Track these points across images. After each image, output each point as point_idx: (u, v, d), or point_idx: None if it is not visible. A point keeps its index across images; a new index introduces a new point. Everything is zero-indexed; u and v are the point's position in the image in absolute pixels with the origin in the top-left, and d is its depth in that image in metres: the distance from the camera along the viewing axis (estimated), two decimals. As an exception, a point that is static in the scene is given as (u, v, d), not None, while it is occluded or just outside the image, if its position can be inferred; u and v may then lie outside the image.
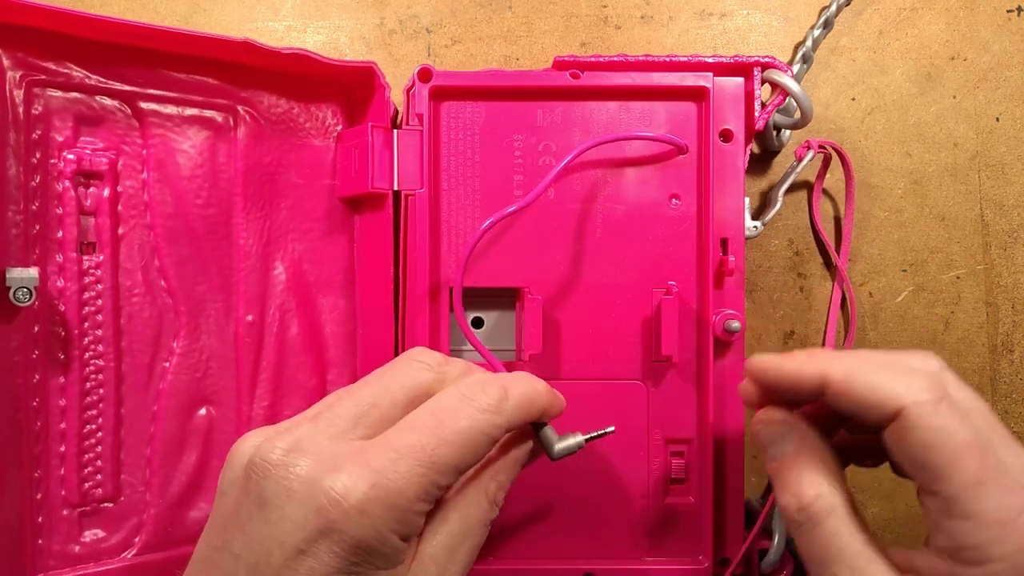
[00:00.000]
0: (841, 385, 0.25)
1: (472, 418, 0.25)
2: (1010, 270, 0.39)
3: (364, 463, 0.23)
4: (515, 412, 0.26)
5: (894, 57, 0.39)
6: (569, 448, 0.29)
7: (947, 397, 0.24)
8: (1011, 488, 0.23)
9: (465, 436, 0.24)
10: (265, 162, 0.35)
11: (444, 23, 0.39)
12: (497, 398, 0.26)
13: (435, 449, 0.24)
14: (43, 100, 0.31)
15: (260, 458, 0.24)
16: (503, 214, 0.32)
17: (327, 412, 0.25)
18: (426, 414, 0.25)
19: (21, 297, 0.29)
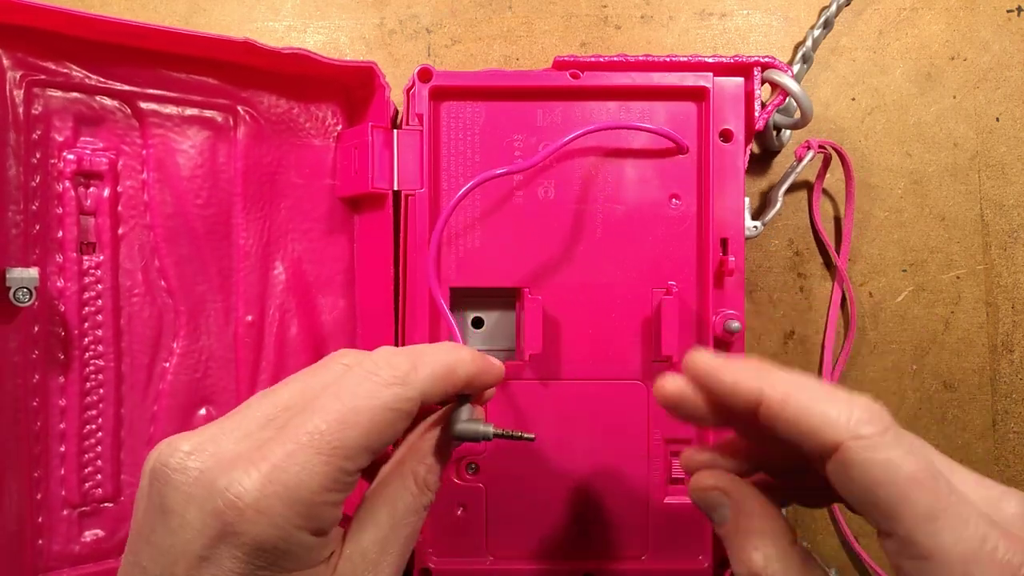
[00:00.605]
0: (778, 407, 0.23)
1: (375, 394, 0.23)
2: (1010, 270, 0.39)
3: (260, 458, 0.21)
4: (427, 383, 0.24)
5: (894, 57, 0.39)
6: (469, 432, 0.26)
7: (892, 427, 0.22)
8: (968, 518, 0.21)
9: (369, 415, 0.22)
10: (265, 162, 0.35)
11: (444, 23, 0.39)
12: (404, 370, 0.24)
13: (337, 433, 0.22)
14: (43, 100, 0.31)
15: (161, 463, 0.22)
16: (492, 174, 0.32)
17: (237, 414, 0.24)
18: (328, 397, 0.23)
19: (21, 297, 0.29)
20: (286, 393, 0.24)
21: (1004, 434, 0.39)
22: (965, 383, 0.39)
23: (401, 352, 0.25)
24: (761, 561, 0.24)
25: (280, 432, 0.22)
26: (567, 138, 0.33)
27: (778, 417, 0.24)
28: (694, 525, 0.35)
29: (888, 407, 0.40)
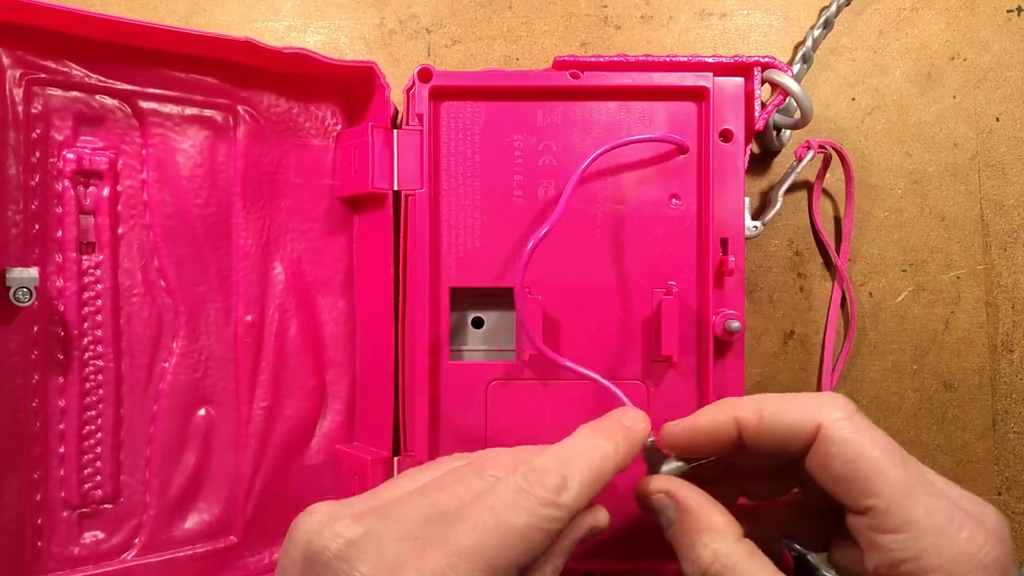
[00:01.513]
0: (756, 423, 0.26)
1: (531, 514, 0.23)
2: (1010, 270, 0.39)
3: (425, 568, 0.22)
4: (577, 500, 0.25)
5: (894, 57, 0.39)
6: None
7: (859, 414, 0.25)
8: (937, 495, 0.23)
9: (524, 534, 0.23)
10: (265, 162, 0.35)
11: (444, 23, 0.39)
12: (555, 485, 0.24)
13: (495, 550, 0.23)
14: (43, 99, 0.31)
15: (322, 545, 0.23)
16: (540, 235, 0.31)
17: (397, 505, 0.25)
18: (483, 509, 0.24)
19: (21, 297, 0.29)
20: (442, 497, 0.25)
21: (1004, 434, 0.39)
22: (965, 383, 0.39)
23: (550, 460, 0.25)
24: (709, 557, 0.25)
25: (441, 540, 0.23)
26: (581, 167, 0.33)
27: (758, 431, 0.26)
28: (694, 525, 0.35)
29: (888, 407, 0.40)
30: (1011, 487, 0.39)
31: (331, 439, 0.37)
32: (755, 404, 0.27)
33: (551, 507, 0.24)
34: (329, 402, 0.37)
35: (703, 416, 0.28)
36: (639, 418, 0.29)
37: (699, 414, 0.28)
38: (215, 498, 0.35)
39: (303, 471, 0.36)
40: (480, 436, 0.35)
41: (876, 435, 0.24)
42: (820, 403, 0.25)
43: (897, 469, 0.24)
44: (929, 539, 0.23)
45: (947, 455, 0.39)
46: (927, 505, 0.23)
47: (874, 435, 0.24)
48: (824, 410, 0.25)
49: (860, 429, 0.24)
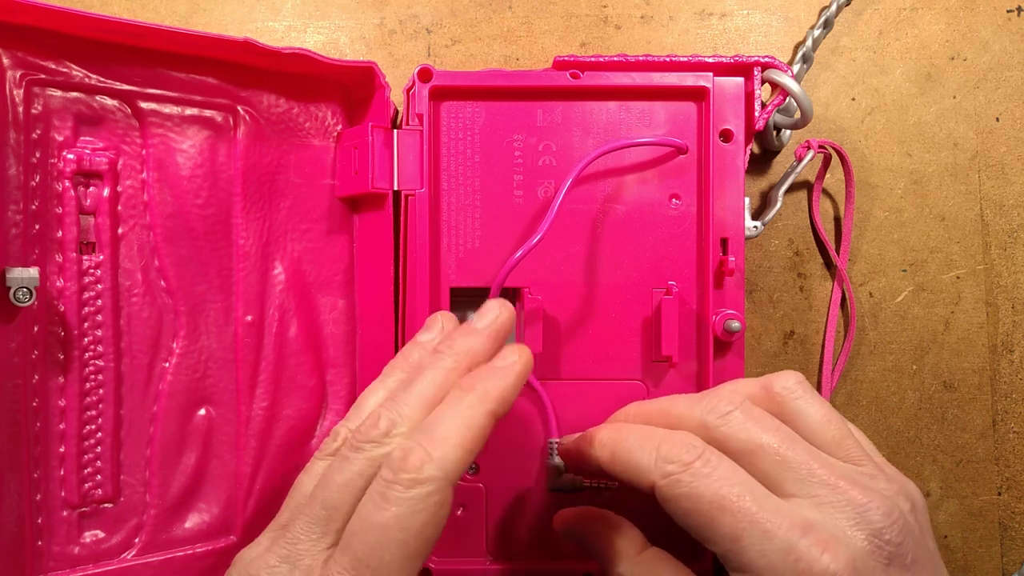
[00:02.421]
0: (608, 465, 0.28)
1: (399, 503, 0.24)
2: (1010, 270, 0.39)
3: None
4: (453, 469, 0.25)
5: (894, 57, 0.39)
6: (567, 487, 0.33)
7: (700, 458, 0.26)
8: (773, 533, 0.24)
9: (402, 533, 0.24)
10: (265, 162, 0.35)
11: (444, 23, 0.39)
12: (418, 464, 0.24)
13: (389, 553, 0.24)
14: (43, 99, 0.31)
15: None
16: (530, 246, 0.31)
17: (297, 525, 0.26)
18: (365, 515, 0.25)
19: (21, 297, 0.29)
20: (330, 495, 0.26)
21: (1004, 434, 0.39)
22: (965, 383, 0.39)
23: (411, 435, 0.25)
24: (626, 572, 0.28)
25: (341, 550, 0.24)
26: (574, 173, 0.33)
27: (613, 473, 0.28)
28: (694, 525, 0.35)
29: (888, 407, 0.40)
30: (1011, 487, 0.39)
31: (331, 439, 0.37)
32: (611, 447, 0.28)
33: (417, 486, 0.24)
34: (329, 402, 0.37)
35: (582, 439, 0.30)
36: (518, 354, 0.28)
37: (582, 436, 0.31)
38: (215, 498, 0.35)
39: (303, 471, 0.36)
40: (480, 436, 0.35)
41: (709, 483, 0.25)
42: (657, 454, 0.26)
43: (727, 516, 0.24)
44: None
45: (947, 455, 0.39)
46: (759, 547, 0.24)
47: (707, 484, 0.25)
48: (658, 464, 0.26)
49: (692, 479, 0.25)
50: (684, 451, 0.26)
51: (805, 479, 0.25)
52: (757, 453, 0.26)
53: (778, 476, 0.26)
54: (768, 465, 0.26)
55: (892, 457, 0.39)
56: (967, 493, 0.39)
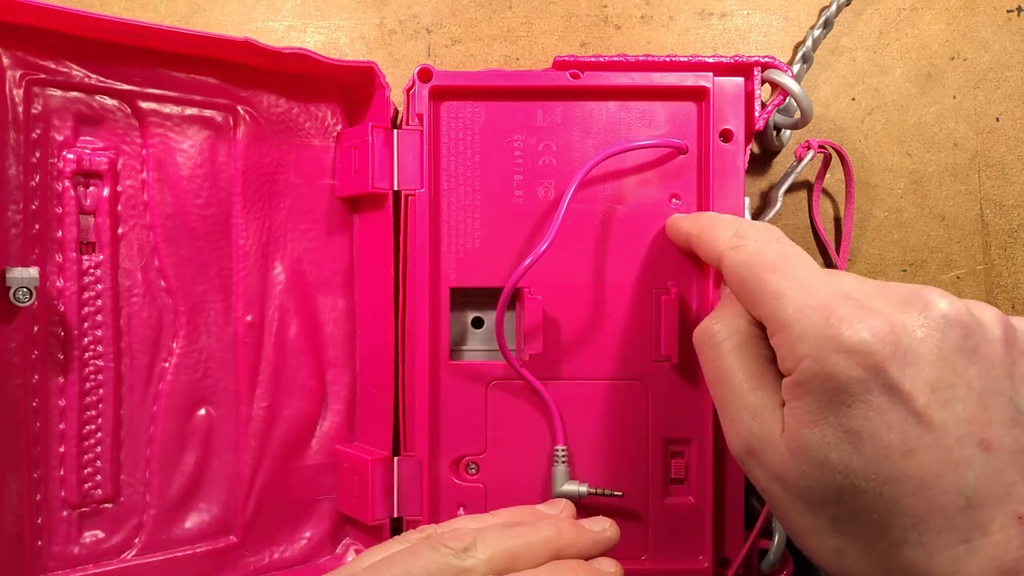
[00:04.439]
0: (696, 240, 0.31)
1: (429, 559, 0.25)
2: (1010, 270, 0.39)
3: None
4: (487, 558, 0.26)
5: (894, 57, 0.39)
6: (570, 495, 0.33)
7: (765, 235, 0.28)
8: (814, 291, 0.24)
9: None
10: (265, 162, 0.35)
11: (444, 23, 0.39)
12: (461, 546, 0.26)
13: None
14: (43, 99, 0.31)
15: None
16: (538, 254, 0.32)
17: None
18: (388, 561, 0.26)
19: (21, 297, 0.29)
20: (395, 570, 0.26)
21: (1004, 434, 0.39)
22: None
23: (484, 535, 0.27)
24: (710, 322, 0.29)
25: None
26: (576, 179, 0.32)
27: (697, 247, 0.31)
28: (694, 525, 0.35)
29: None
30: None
31: (331, 439, 0.37)
32: (702, 223, 0.31)
33: (455, 557, 0.25)
34: (329, 402, 0.37)
35: (675, 221, 0.33)
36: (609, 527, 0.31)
37: (676, 219, 0.33)
38: (215, 498, 0.35)
39: (303, 471, 0.36)
40: (480, 436, 0.35)
41: (765, 250, 0.27)
42: (732, 230, 0.28)
43: (775, 275, 0.25)
44: (797, 331, 0.24)
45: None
46: (798, 302, 0.24)
47: (763, 250, 0.27)
48: (731, 237, 0.28)
49: (752, 247, 0.27)
50: (760, 230, 0.28)
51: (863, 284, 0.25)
52: None
53: None
54: None
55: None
56: (967, 493, 0.39)
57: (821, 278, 0.25)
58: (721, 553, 0.35)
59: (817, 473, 0.24)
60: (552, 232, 0.32)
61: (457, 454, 0.35)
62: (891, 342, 0.22)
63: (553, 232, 0.32)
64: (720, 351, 0.27)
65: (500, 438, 0.35)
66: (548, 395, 0.34)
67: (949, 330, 0.23)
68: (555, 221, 0.32)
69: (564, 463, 0.34)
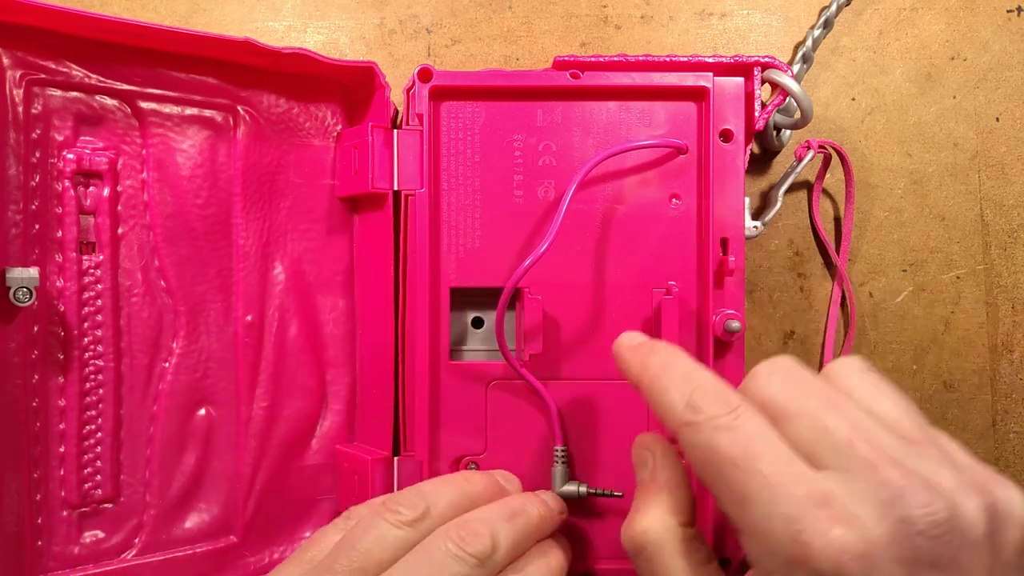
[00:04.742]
0: (646, 392, 0.26)
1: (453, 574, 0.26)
2: (1010, 270, 0.39)
3: None
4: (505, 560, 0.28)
5: (894, 57, 0.39)
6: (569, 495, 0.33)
7: (725, 410, 0.23)
8: (782, 497, 0.22)
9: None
10: (265, 162, 0.35)
11: (444, 23, 0.39)
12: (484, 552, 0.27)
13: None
14: (43, 99, 0.31)
15: None
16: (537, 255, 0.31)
17: None
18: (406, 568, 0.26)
19: (21, 297, 0.29)
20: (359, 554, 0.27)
21: (1004, 434, 0.39)
22: (965, 383, 0.39)
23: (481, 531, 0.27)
24: (644, 525, 0.26)
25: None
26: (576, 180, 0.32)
27: (648, 399, 0.26)
28: (694, 525, 0.35)
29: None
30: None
31: (331, 439, 0.37)
32: (653, 372, 0.26)
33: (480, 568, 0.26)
34: (329, 402, 0.37)
35: (623, 350, 0.29)
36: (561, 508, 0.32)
37: (623, 347, 0.29)
38: (215, 498, 0.35)
39: (303, 471, 0.36)
40: (480, 436, 0.35)
41: (728, 438, 0.23)
42: (686, 399, 0.24)
43: (739, 474, 0.22)
44: (765, 545, 0.22)
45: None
46: (764, 510, 0.22)
47: (727, 438, 0.23)
48: (683, 409, 0.24)
49: (712, 431, 0.23)
50: (716, 403, 0.24)
51: (842, 450, 0.22)
52: (795, 417, 0.23)
53: (813, 444, 0.23)
54: (805, 431, 0.23)
55: (892, 457, 0.39)
56: (967, 493, 0.39)
57: (788, 472, 0.22)
58: (721, 553, 0.35)
59: None
60: (552, 232, 0.32)
61: (457, 454, 0.35)
62: (863, 561, 0.20)
63: (553, 232, 0.32)
64: (658, 560, 0.25)
65: (500, 438, 0.35)
66: (548, 395, 0.34)
67: (925, 545, 0.21)
68: (555, 221, 0.32)
69: (563, 463, 0.34)
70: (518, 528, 0.29)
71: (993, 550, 0.21)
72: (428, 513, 0.28)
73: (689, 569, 0.25)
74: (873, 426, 0.23)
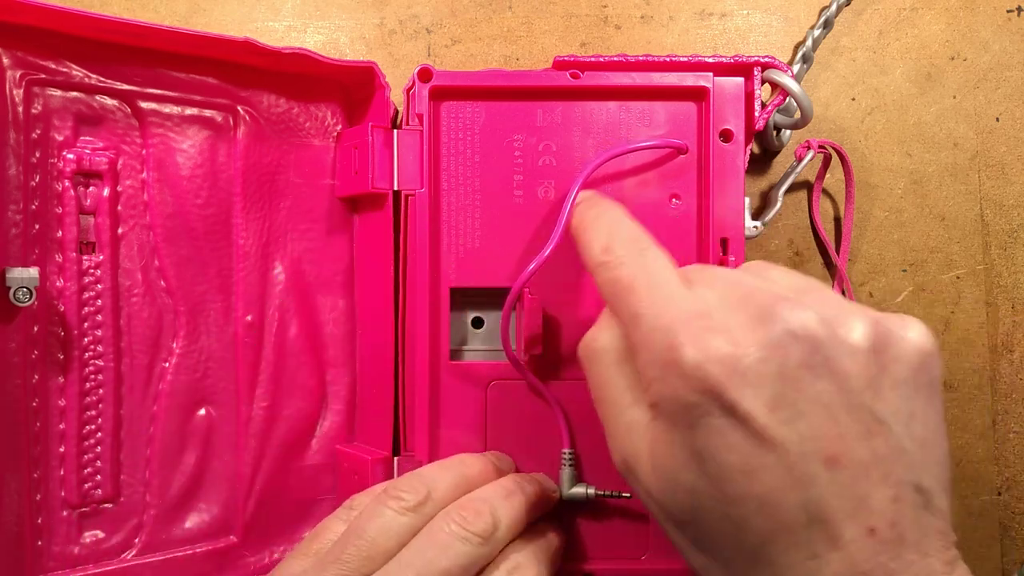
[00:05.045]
0: (576, 240, 0.29)
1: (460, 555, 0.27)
2: (1010, 270, 0.39)
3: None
4: (507, 537, 0.29)
5: (894, 57, 0.39)
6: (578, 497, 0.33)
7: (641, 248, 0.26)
8: (662, 312, 0.24)
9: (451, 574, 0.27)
10: (265, 162, 0.35)
11: (444, 23, 0.39)
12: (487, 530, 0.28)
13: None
14: (43, 99, 0.31)
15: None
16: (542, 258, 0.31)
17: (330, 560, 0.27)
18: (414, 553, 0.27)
19: (21, 297, 0.29)
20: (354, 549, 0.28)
21: (1004, 434, 0.39)
22: (965, 383, 0.39)
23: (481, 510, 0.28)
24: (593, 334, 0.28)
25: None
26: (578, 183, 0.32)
27: (577, 245, 0.29)
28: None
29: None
30: (1011, 487, 0.39)
31: (331, 439, 0.37)
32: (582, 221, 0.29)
33: (481, 546, 0.27)
34: (329, 402, 0.37)
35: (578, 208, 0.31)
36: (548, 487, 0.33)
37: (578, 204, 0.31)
38: (215, 498, 0.35)
39: (303, 471, 0.36)
40: (480, 436, 0.35)
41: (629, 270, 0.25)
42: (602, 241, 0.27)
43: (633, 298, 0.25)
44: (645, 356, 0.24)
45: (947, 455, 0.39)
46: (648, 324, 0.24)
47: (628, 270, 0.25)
48: (599, 250, 0.27)
49: (618, 266, 0.26)
50: (626, 246, 0.27)
51: (719, 276, 0.25)
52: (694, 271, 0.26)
53: (700, 274, 0.25)
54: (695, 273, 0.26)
55: (892, 457, 0.39)
56: (967, 493, 0.39)
57: (677, 295, 0.24)
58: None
59: (673, 493, 0.24)
60: (556, 236, 0.31)
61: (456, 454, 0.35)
62: (729, 364, 0.22)
63: (557, 236, 0.31)
64: (600, 365, 0.27)
65: (500, 438, 0.35)
66: (553, 398, 0.34)
67: (793, 346, 0.22)
68: (559, 225, 0.32)
69: (571, 466, 0.34)
70: (517, 506, 0.30)
71: (880, 363, 0.22)
72: (430, 497, 0.29)
73: (625, 377, 0.26)
74: (765, 281, 0.25)
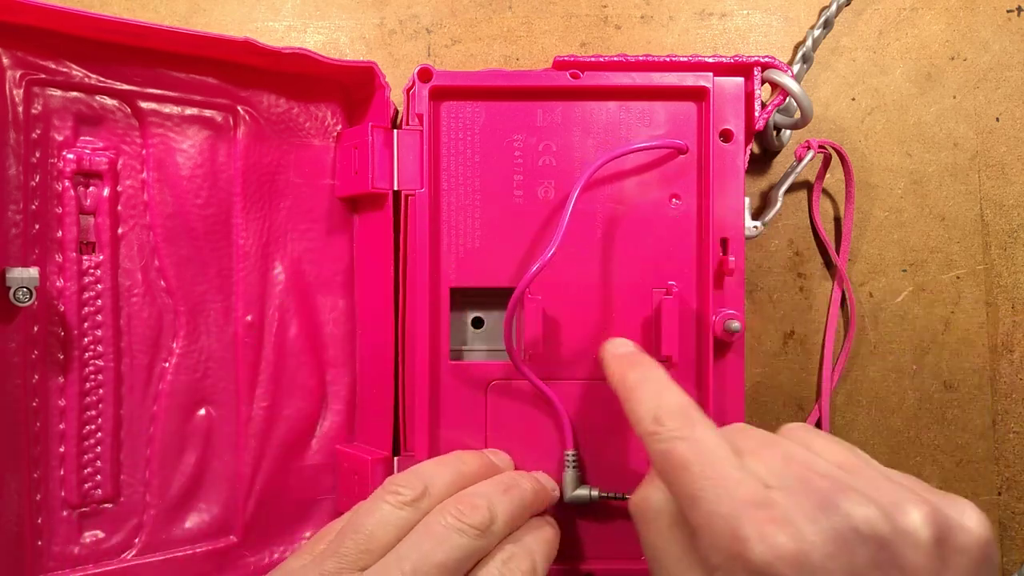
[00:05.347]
0: (624, 403, 0.28)
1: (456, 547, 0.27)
2: (1010, 270, 0.39)
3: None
4: (503, 531, 0.29)
5: (894, 57, 0.39)
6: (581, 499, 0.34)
7: (685, 422, 0.26)
8: (725, 497, 0.23)
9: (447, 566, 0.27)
10: (265, 162, 0.35)
11: (444, 23, 0.39)
12: (483, 523, 0.28)
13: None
14: (43, 99, 0.31)
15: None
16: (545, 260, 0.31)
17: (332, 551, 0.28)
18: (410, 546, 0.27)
19: (21, 297, 0.29)
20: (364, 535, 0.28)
21: (1004, 434, 0.39)
22: (965, 383, 0.39)
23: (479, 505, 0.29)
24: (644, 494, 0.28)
25: None
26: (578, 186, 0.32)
27: (624, 409, 0.28)
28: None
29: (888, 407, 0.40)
30: (1011, 487, 0.39)
31: (331, 439, 0.37)
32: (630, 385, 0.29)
33: (477, 539, 0.28)
34: (329, 402, 0.37)
35: (608, 359, 0.31)
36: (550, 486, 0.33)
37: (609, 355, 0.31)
38: (215, 498, 0.35)
39: (303, 471, 0.36)
40: (480, 436, 0.35)
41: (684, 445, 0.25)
42: (655, 410, 0.26)
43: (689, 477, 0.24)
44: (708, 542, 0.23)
45: (947, 455, 0.39)
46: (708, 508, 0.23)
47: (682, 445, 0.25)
48: (649, 422, 0.26)
49: (671, 439, 0.25)
50: (677, 418, 0.26)
51: (767, 445, 0.25)
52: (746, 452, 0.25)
53: (746, 442, 0.25)
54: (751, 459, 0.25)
55: (892, 457, 0.39)
56: (967, 493, 0.39)
57: (734, 476, 0.23)
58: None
59: None
60: (558, 238, 0.31)
61: (457, 454, 0.35)
62: (797, 563, 0.21)
63: (559, 238, 0.31)
64: (654, 526, 0.27)
65: (500, 438, 0.35)
66: (556, 398, 0.34)
67: (860, 546, 0.21)
68: (560, 226, 0.32)
69: (575, 467, 0.34)
70: (513, 501, 0.30)
71: (942, 555, 0.22)
72: (427, 492, 0.29)
73: (679, 542, 0.26)
74: (813, 457, 0.25)
